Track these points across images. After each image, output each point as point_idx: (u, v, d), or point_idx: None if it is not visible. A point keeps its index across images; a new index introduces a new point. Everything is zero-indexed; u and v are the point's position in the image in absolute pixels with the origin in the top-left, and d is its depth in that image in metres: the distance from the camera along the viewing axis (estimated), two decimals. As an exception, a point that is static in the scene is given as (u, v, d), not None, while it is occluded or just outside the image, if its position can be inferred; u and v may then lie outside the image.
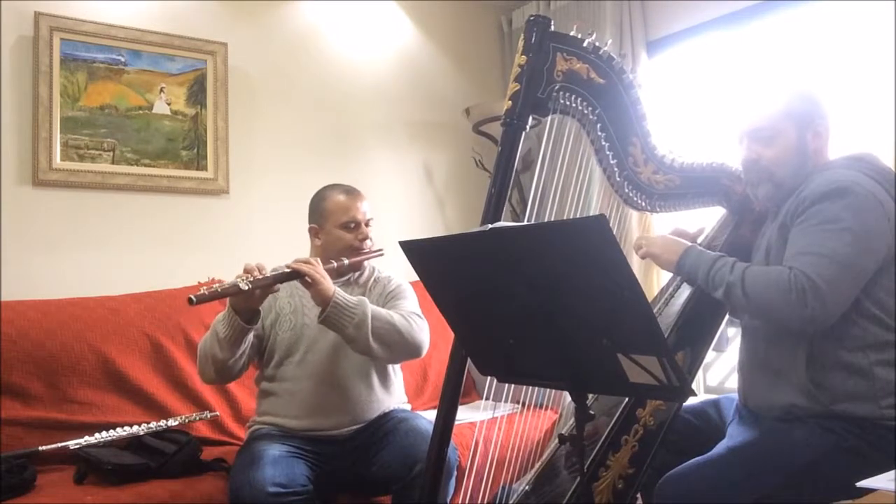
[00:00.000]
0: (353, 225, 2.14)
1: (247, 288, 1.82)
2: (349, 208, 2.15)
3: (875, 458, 1.46)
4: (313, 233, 2.20)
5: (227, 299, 1.89)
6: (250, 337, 1.99)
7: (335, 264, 2.05)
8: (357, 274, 2.21)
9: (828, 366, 1.56)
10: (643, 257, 1.79)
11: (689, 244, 1.73)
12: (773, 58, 2.84)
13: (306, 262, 1.95)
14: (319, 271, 1.94)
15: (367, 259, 2.19)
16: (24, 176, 2.62)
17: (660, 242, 1.77)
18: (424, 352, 2.10)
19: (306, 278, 1.91)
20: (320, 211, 2.17)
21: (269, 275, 1.89)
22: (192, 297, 1.77)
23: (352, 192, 2.19)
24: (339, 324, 1.93)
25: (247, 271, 1.87)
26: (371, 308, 1.97)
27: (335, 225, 2.14)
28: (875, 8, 2.49)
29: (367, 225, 2.17)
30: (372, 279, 2.24)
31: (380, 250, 2.19)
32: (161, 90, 2.87)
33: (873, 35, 2.49)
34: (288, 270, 1.93)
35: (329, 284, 1.94)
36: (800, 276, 1.49)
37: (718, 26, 3.04)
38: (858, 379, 1.54)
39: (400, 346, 2.02)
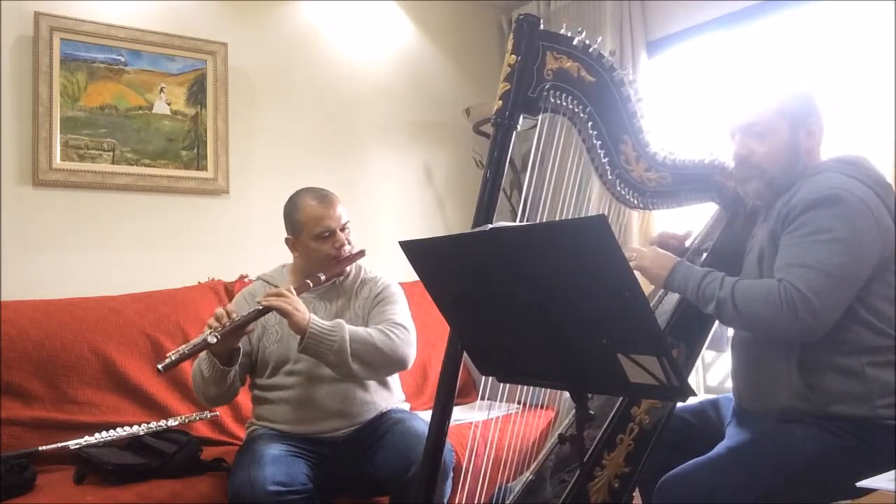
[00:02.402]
0: (327, 234, 2.07)
1: (214, 341, 1.81)
2: (322, 217, 2.07)
3: (875, 458, 1.46)
4: (290, 245, 2.15)
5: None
6: (233, 373, 1.97)
7: (310, 284, 2.02)
8: (342, 278, 2.17)
9: (821, 368, 1.56)
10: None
11: (678, 260, 1.71)
12: (773, 58, 2.84)
13: (277, 294, 1.92)
14: (291, 303, 1.90)
15: (348, 264, 2.14)
16: (24, 176, 2.62)
17: (650, 256, 1.75)
18: (410, 364, 2.08)
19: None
20: (293, 223, 2.11)
21: (238, 319, 1.86)
22: (160, 366, 1.76)
23: (323, 199, 2.10)
24: (318, 353, 1.91)
25: (217, 318, 1.85)
26: (349, 330, 1.94)
27: (310, 236, 2.08)
28: (875, 8, 2.49)
29: (343, 230, 2.11)
30: (358, 281, 2.19)
31: (361, 251, 2.14)
32: (161, 90, 2.87)
33: (873, 35, 2.49)
34: (259, 308, 1.90)
35: (303, 315, 1.90)
36: (790, 290, 1.48)
37: (718, 26, 3.04)
38: (852, 380, 1.54)
39: (382, 364, 2.01)
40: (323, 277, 2.05)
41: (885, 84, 2.44)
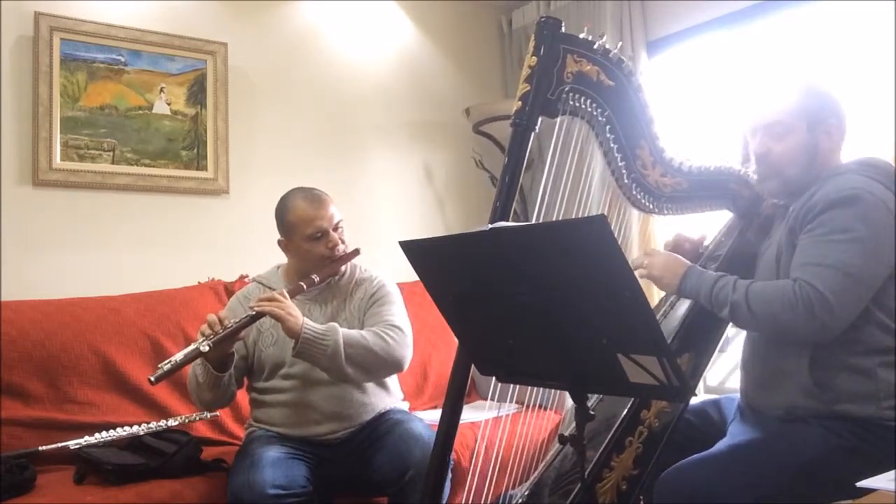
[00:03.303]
0: (320, 235, 2.06)
1: (206, 349, 1.80)
2: (313, 219, 2.05)
3: (875, 458, 1.46)
4: (283, 247, 2.14)
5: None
6: (226, 378, 1.96)
7: (304, 286, 2.01)
8: (337, 277, 2.16)
9: (832, 367, 1.56)
10: (642, 277, 1.77)
11: (690, 265, 1.70)
12: (774, 58, 2.84)
13: (270, 299, 1.91)
14: (284, 308, 1.89)
15: (342, 264, 2.13)
16: (24, 176, 2.62)
17: (660, 263, 1.73)
18: (406, 366, 2.07)
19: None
20: (285, 225, 2.10)
21: (231, 326, 1.86)
22: (151, 378, 1.76)
23: (314, 200, 2.08)
24: (312, 357, 1.91)
25: (209, 325, 1.85)
26: (342, 334, 1.94)
27: (302, 238, 2.06)
28: (875, 8, 2.49)
29: (335, 229, 2.09)
30: (353, 281, 2.18)
31: (355, 250, 2.13)
32: (161, 90, 2.87)
33: (873, 35, 2.49)
34: (252, 314, 1.89)
35: (297, 319, 1.89)
36: (805, 288, 1.48)
37: (718, 26, 3.04)
38: (861, 380, 1.54)
39: (377, 367, 2.01)
40: (317, 279, 2.04)
41: (885, 84, 2.44)
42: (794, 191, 1.68)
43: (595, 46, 1.67)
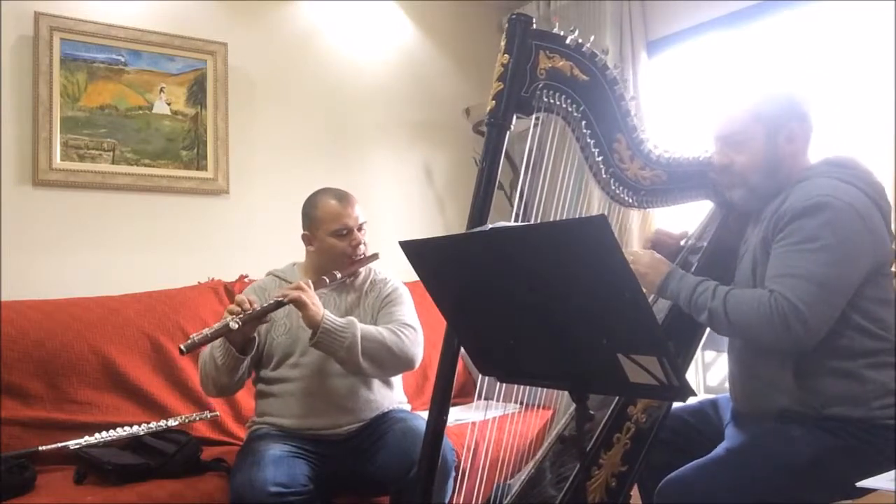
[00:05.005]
0: (345, 232, 2.11)
1: (236, 327, 1.85)
2: (340, 215, 2.11)
3: (875, 458, 1.45)
4: (306, 240, 2.18)
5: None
6: (247, 362, 2.00)
7: (327, 280, 2.06)
8: (353, 278, 2.20)
9: (817, 372, 1.55)
10: None
11: (672, 267, 1.70)
12: (774, 58, 2.84)
13: (296, 287, 1.96)
14: (309, 296, 1.93)
15: (361, 266, 2.17)
16: (24, 176, 2.62)
17: (646, 261, 1.73)
18: (417, 364, 2.10)
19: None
20: (311, 219, 2.14)
21: (258, 308, 1.91)
22: (182, 347, 1.80)
23: (343, 198, 2.15)
24: (329, 348, 1.94)
25: (238, 304, 1.89)
26: (360, 328, 1.97)
27: (327, 233, 2.11)
28: (875, 8, 2.49)
29: (359, 230, 2.14)
30: (368, 282, 2.23)
31: (374, 254, 2.18)
32: (161, 90, 2.87)
33: (873, 35, 2.49)
34: (279, 299, 1.93)
35: (318, 309, 1.94)
36: (780, 301, 1.48)
37: (718, 26, 3.04)
38: (848, 382, 1.53)
39: (391, 363, 2.04)
40: (339, 275, 2.09)
41: (885, 84, 2.44)
42: (761, 197, 1.67)
43: (567, 41, 1.66)
